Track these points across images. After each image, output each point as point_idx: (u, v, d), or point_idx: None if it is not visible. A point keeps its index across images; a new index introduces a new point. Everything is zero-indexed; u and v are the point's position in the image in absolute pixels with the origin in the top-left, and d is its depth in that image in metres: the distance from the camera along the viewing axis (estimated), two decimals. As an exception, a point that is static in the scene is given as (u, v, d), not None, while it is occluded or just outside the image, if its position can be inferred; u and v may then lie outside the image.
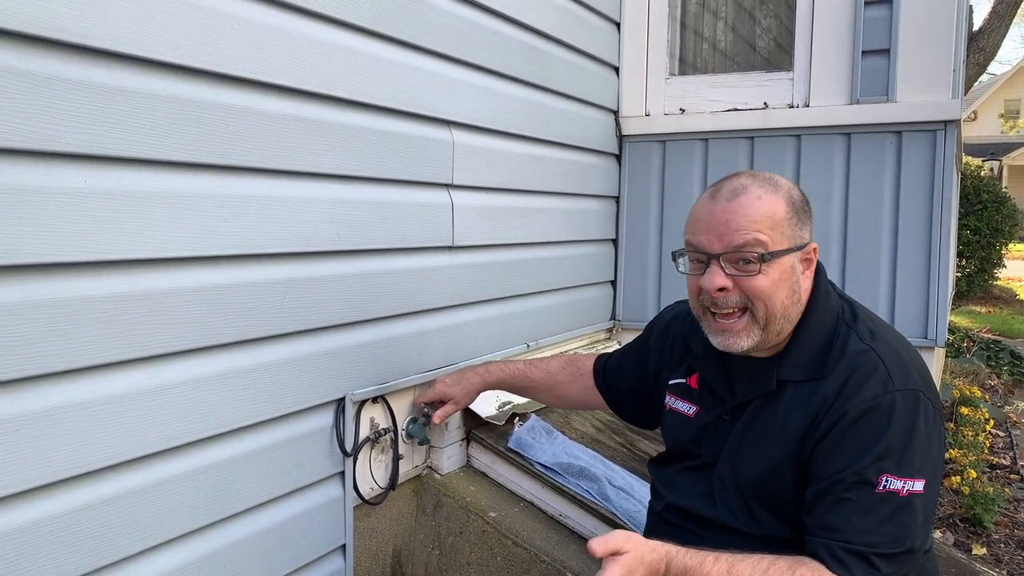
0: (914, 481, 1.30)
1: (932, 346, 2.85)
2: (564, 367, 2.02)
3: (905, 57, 2.87)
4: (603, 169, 3.26)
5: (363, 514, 2.09)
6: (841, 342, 1.42)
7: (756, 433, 1.46)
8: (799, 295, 1.44)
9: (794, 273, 1.42)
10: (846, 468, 1.32)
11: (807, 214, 1.46)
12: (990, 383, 5.94)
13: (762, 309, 1.40)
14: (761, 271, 1.39)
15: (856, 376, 1.37)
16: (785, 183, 1.46)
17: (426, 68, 2.18)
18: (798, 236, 1.42)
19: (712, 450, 1.53)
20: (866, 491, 1.31)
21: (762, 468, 1.43)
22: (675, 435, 1.63)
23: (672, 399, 1.65)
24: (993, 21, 10.87)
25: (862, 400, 1.34)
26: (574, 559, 2.09)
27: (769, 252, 1.39)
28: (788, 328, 1.45)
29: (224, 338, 1.65)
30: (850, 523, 1.30)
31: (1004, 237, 9.83)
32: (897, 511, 1.30)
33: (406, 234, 2.14)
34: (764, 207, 1.39)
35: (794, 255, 1.42)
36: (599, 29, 3.16)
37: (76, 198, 1.35)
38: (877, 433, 1.32)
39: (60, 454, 1.36)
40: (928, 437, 1.34)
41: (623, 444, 2.59)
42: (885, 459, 1.31)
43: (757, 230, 1.38)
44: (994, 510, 3.38)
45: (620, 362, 1.90)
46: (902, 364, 1.38)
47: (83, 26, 1.34)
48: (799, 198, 1.45)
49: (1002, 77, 30.75)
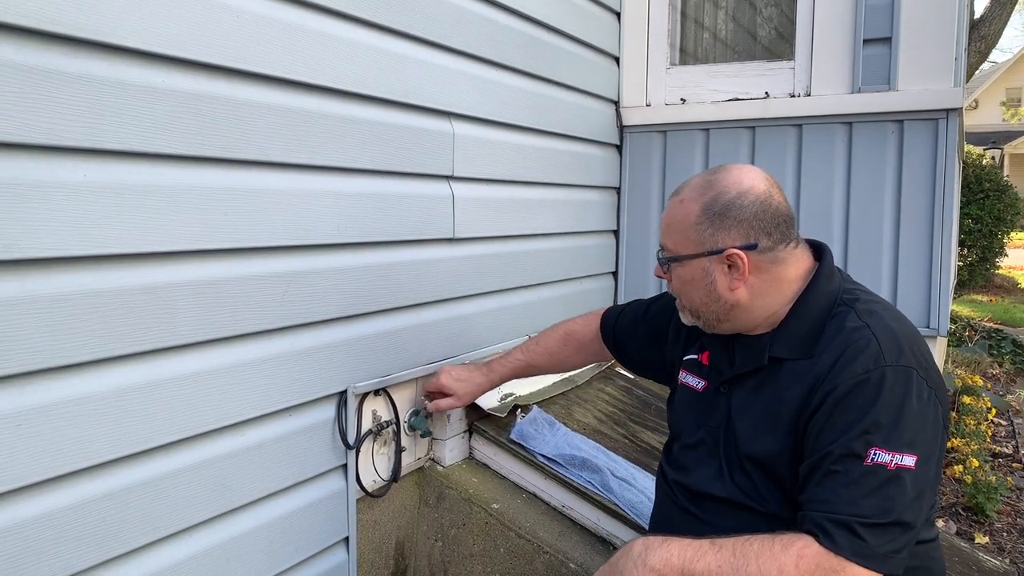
0: (903, 455, 1.30)
1: (934, 335, 2.85)
2: (563, 343, 2.08)
3: (906, 45, 2.86)
4: (604, 160, 3.25)
5: (366, 506, 2.10)
6: (839, 321, 1.44)
7: (758, 409, 1.48)
8: (720, 295, 1.47)
9: (707, 276, 1.47)
10: (835, 441, 1.33)
11: (732, 218, 1.44)
12: (992, 372, 5.94)
13: (685, 301, 1.55)
14: (670, 271, 1.54)
15: (849, 352, 1.38)
16: (725, 184, 1.45)
17: (426, 59, 2.17)
18: (710, 242, 1.45)
19: (712, 423, 1.55)
20: (853, 463, 1.31)
21: (764, 444, 1.45)
22: (682, 410, 1.66)
23: (684, 374, 1.68)
24: (994, 9, 10.84)
25: (852, 374, 1.35)
26: (577, 550, 2.09)
27: (669, 256, 1.52)
28: (762, 312, 1.49)
29: (226, 331, 1.65)
30: (836, 494, 1.31)
31: (1006, 226, 9.83)
32: (884, 484, 1.29)
33: (407, 226, 2.14)
34: (678, 212, 1.49)
35: (704, 260, 1.46)
36: (599, 19, 3.15)
37: (76, 192, 1.35)
38: (866, 407, 1.33)
39: (62, 449, 1.36)
40: (922, 414, 1.33)
41: (625, 435, 2.59)
42: (873, 432, 1.31)
43: (666, 234, 1.53)
44: (996, 499, 3.38)
45: (632, 326, 1.93)
46: (895, 341, 1.38)
47: (82, 19, 1.33)
48: (727, 202, 1.44)
49: (1003, 65, 30.63)
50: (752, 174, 1.47)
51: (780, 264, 1.47)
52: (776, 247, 1.46)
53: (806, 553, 1.27)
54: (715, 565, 1.30)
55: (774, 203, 1.46)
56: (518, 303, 2.71)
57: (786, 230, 1.47)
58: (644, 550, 1.35)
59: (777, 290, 1.48)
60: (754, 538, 1.31)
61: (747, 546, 1.30)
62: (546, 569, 2.07)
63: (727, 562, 1.29)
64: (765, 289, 1.47)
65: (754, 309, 1.48)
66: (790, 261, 1.48)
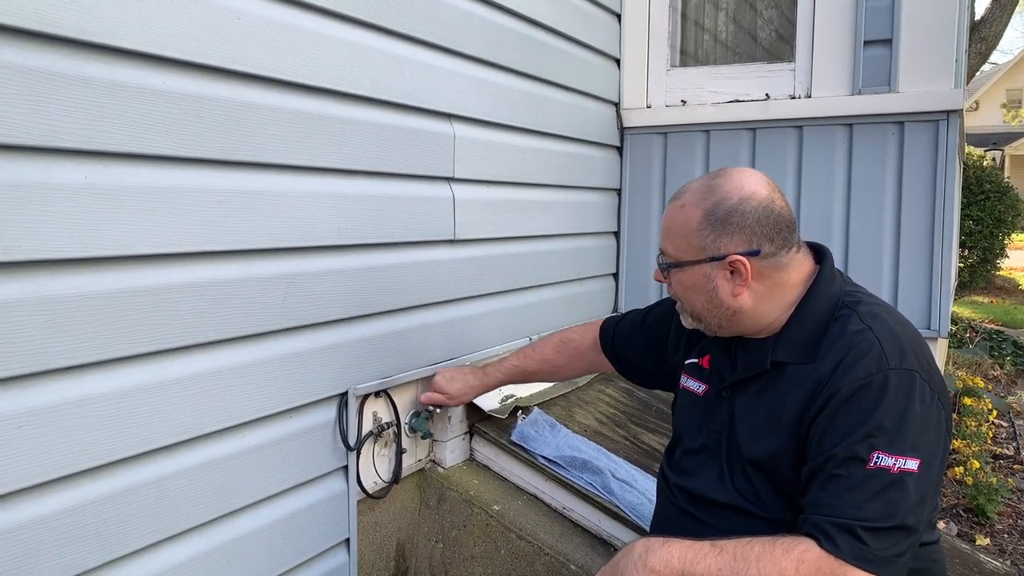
0: (906, 459, 1.29)
1: (935, 336, 2.85)
2: (559, 351, 2.07)
3: (907, 47, 2.86)
4: (604, 161, 3.25)
5: (367, 508, 2.10)
6: (841, 324, 1.43)
7: (760, 413, 1.47)
8: (722, 301, 1.46)
9: (709, 282, 1.46)
10: (838, 445, 1.33)
11: (735, 224, 1.43)
12: (993, 373, 5.93)
13: (687, 306, 1.54)
14: (670, 276, 1.53)
15: (851, 355, 1.38)
16: (727, 189, 1.44)
17: (427, 61, 2.18)
18: (712, 248, 1.44)
19: (714, 428, 1.55)
20: (856, 467, 1.30)
21: (766, 448, 1.44)
22: (684, 414, 1.66)
23: (685, 378, 1.68)
24: (995, 10, 10.84)
25: (855, 378, 1.35)
26: (577, 552, 2.09)
27: (670, 263, 1.51)
28: (765, 317, 1.48)
29: (226, 333, 1.65)
30: (839, 498, 1.30)
31: (1006, 227, 9.82)
32: (887, 488, 1.29)
33: (407, 228, 2.14)
34: (679, 217, 1.48)
35: (706, 266, 1.45)
36: (600, 21, 3.15)
37: (76, 194, 1.35)
38: (869, 410, 1.32)
39: (63, 451, 1.36)
40: (925, 418, 1.33)
41: (626, 437, 2.59)
42: (876, 436, 1.30)
43: (666, 239, 1.52)
44: (997, 500, 3.38)
45: (631, 335, 1.92)
46: (898, 344, 1.38)
47: (82, 21, 1.33)
48: (730, 208, 1.43)
49: (1004, 67, 30.62)
50: (753, 179, 1.46)
51: (782, 269, 1.47)
52: (778, 252, 1.45)
53: (807, 557, 1.27)
54: (715, 568, 1.29)
55: (776, 208, 1.45)
56: (519, 304, 2.71)
57: (788, 235, 1.46)
58: (645, 551, 1.35)
59: (780, 295, 1.47)
60: (755, 541, 1.31)
61: (748, 549, 1.29)
62: (547, 571, 2.07)
63: (727, 565, 1.29)
64: (768, 294, 1.47)
65: (757, 314, 1.48)
66: (792, 266, 1.48)
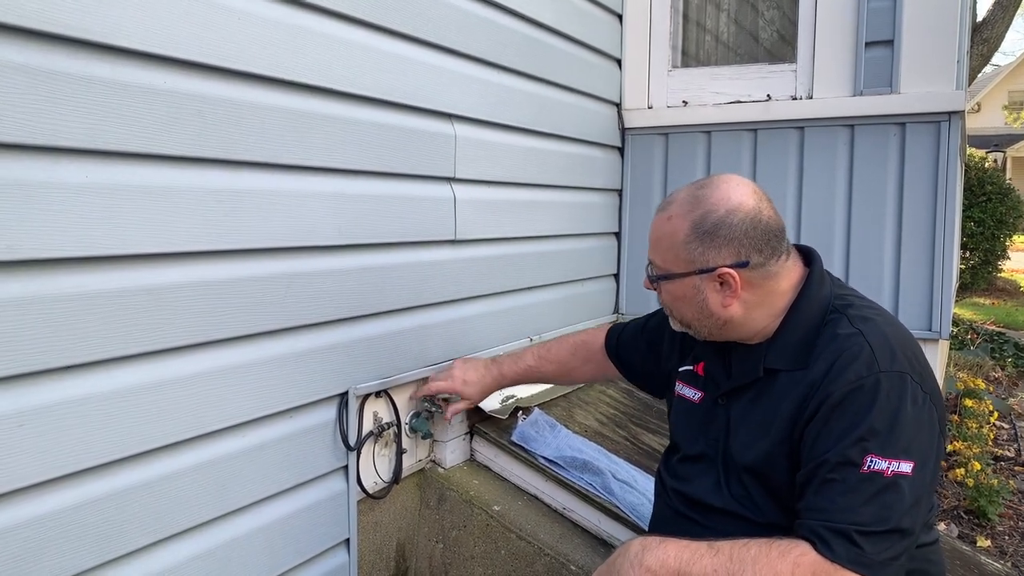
0: (900, 462, 1.30)
1: (936, 338, 2.84)
2: (574, 352, 2.07)
3: (909, 48, 2.86)
4: (606, 162, 3.25)
5: (367, 508, 2.10)
6: (832, 328, 1.43)
7: (755, 420, 1.48)
8: (712, 311, 1.46)
9: (698, 294, 1.46)
10: (831, 449, 1.33)
11: (722, 237, 1.41)
12: (994, 375, 5.93)
13: (676, 315, 1.55)
14: (658, 287, 1.53)
15: (842, 359, 1.38)
16: (713, 201, 1.42)
17: (428, 61, 2.18)
18: (700, 260, 1.43)
19: (711, 435, 1.55)
20: (850, 471, 1.30)
21: (760, 453, 1.45)
22: (680, 420, 1.66)
23: (680, 386, 1.68)
24: (997, 12, 10.84)
25: (846, 382, 1.35)
26: (578, 552, 2.09)
27: (659, 274, 1.51)
28: (756, 324, 1.48)
29: (227, 333, 1.65)
30: (834, 503, 1.30)
31: (1008, 229, 9.81)
32: (882, 491, 1.29)
33: (408, 228, 2.14)
34: (667, 229, 1.47)
35: (695, 278, 1.45)
36: (601, 21, 3.15)
37: (78, 193, 1.35)
38: (861, 414, 1.32)
39: (64, 450, 1.36)
40: (917, 420, 1.33)
41: (626, 437, 2.59)
42: (869, 439, 1.30)
43: (654, 251, 1.51)
44: (998, 502, 3.38)
45: (634, 341, 1.93)
46: (888, 347, 1.38)
47: (85, 21, 1.33)
48: (717, 220, 1.41)
49: (1006, 68, 30.61)
50: (740, 188, 1.44)
51: (772, 278, 1.46)
52: (767, 262, 1.44)
53: (803, 561, 1.26)
54: (711, 568, 1.29)
55: (764, 218, 1.43)
56: (520, 305, 2.71)
57: (777, 244, 1.45)
58: (641, 550, 1.35)
59: (770, 303, 1.47)
60: (752, 543, 1.31)
61: (744, 551, 1.29)
62: (547, 571, 2.07)
63: (723, 566, 1.29)
64: (758, 303, 1.47)
65: (748, 323, 1.48)
66: (782, 274, 1.47)
